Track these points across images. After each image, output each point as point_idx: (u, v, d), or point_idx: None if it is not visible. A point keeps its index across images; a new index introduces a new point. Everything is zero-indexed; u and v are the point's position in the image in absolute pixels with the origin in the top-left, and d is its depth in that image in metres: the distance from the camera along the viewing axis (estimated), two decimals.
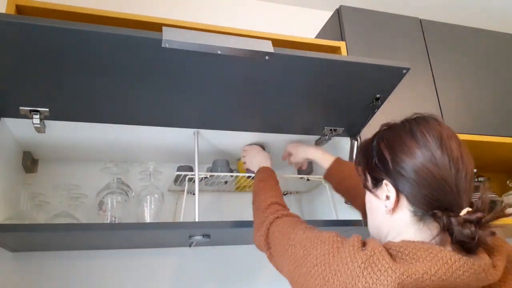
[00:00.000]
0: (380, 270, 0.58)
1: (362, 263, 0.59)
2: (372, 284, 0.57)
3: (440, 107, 1.56)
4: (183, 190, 1.31)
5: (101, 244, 1.28)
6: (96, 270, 1.32)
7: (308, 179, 1.42)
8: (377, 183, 0.73)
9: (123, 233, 1.11)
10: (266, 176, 1.09)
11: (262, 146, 1.33)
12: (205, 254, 1.46)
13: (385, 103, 1.21)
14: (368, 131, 1.35)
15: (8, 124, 1.10)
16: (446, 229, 0.63)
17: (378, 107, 1.21)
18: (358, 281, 0.58)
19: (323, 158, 1.20)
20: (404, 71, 1.11)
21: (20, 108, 1.02)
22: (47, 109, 1.04)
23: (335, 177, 1.16)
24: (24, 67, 0.90)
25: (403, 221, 0.69)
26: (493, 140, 1.59)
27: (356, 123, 1.28)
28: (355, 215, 1.28)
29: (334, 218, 1.39)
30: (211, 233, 1.16)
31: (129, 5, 1.73)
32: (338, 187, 1.17)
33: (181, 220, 1.30)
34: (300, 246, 0.72)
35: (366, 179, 0.76)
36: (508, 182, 1.80)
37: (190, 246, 1.39)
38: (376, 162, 0.72)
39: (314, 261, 0.66)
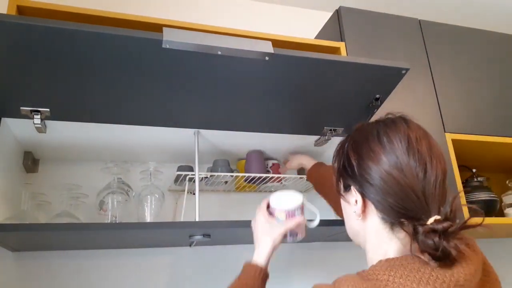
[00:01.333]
0: None
1: None
2: None
3: (439, 107, 1.56)
4: (184, 190, 1.31)
5: (102, 244, 1.28)
6: (96, 270, 1.33)
7: (307, 179, 1.43)
8: (346, 188, 0.72)
9: (124, 232, 1.12)
10: (251, 281, 0.90)
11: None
12: (206, 253, 1.46)
13: (385, 103, 1.22)
14: None
15: (9, 124, 1.10)
16: (413, 238, 0.60)
17: (378, 107, 1.22)
18: None
19: (308, 162, 1.31)
20: (404, 72, 1.11)
21: (21, 108, 1.02)
22: (48, 109, 1.04)
23: (314, 178, 1.23)
24: (25, 67, 0.91)
25: (375, 228, 0.67)
26: (493, 140, 1.59)
27: (356, 123, 1.29)
28: None
29: (333, 218, 1.39)
30: (211, 233, 1.17)
31: (130, 6, 1.73)
32: (317, 188, 1.22)
33: (181, 219, 1.31)
34: None
35: (337, 183, 0.75)
36: (507, 182, 1.80)
37: (190, 245, 1.40)
38: (346, 166, 0.71)
39: None
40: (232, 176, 1.37)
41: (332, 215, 1.42)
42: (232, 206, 1.55)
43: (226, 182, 1.43)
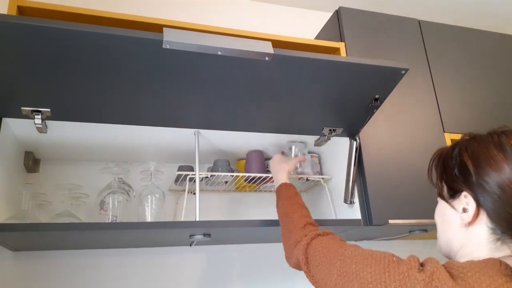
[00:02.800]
0: None
1: (421, 285, 0.56)
2: None
3: (438, 107, 1.57)
4: (184, 190, 1.32)
5: (102, 244, 1.29)
6: (97, 269, 1.33)
7: (307, 179, 1.43)
8: (454, 194, 0.70)
9: (124, 232, 1.12)
10: (292, 193, 1.08)
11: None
12: (206, 253, 1.46)
13: (384, 103, 1.22)
14: (367, 131, 1.36)
15: (10, 124, 1.11)
16: None
17: (377, 108, 1.22)
18: None
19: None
20: (403, 72, 1.11)
21: (22, 108, 1.02)
22: (49, 109, 1.04)
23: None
24: (25, 67, 0.91)
25: (479, 237, 0.66)
26: None
27: (355, 123, 1.29)
28: (354, 215, 1.29)
29: (333, 217, 1.40)
30: (211, 232, 1.17)
31: (130, 6, 1.73)
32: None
33: (182, 219, 1.31)
34: (351, 261, 0.68)
35: (442, 188, 0.73)
36: None
37: (190, 245, 1.40)
38: (457, 173, 0.69)
39: (368, 278, 0.62)
40: (232, 176, 1.37)
41: (331, 215, 1.42)
42: (232, 205, 1.55)
43: (226, 182, 1.43)
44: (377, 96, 1.19)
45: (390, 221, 1.25)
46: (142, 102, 1.08)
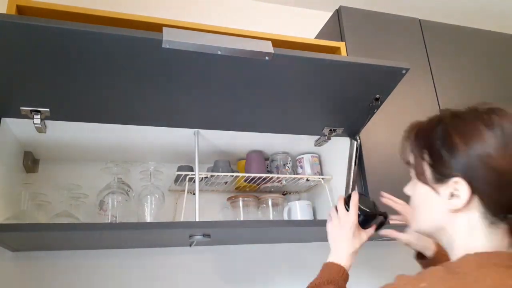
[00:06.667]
0: None
1: None
2: None
3: (439, 107, 1.56)
4: (184, 190, 1.31)
5: (102, 244, 1.28)
6: (96, 270, 1.33)
7: (307, 179, 1.43)
8: (442, 178, 0.64)
9: (124, 233, 1.12)
10: (336, 277, 0.84)
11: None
12: (206, 253, 1.46)
13: (385, 103, 1.21)
14: (368, 131, 1.36)
15: (9, 124, 1.10)
16: None
17: (378, 107, 1.22)
18: None
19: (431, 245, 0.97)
20: (404, 72, 1.11)
21: (21, 108, 1.02)
22: (48, 109, 1.04)
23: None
24: (25, 67, 0.91)
25: (470, 223, 0.62)
26: None
27: (356, 123, 1.29)
28: None
29: None
30: (211, 233, 1.17)
31: (130, 6, 1.73)
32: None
33: (181, 219, 1.31)
34: None
35: (422, 171, 0.67)
36: None
37: (190, 245, 1.40)
38: (446, 155, 0.63)
39: None
40: (232, 176, 1.37)
41: None
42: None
43: (226, 182, 1.43)
44: (377, 96, 1.19)
45: (391, 221, 1.25)
46: (141, 102, 1.08)
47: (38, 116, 1.04)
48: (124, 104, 1.08)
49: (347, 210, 0.92)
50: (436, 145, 0.65)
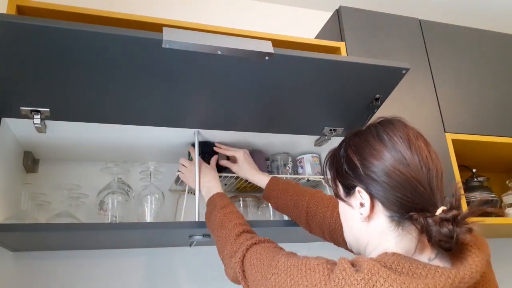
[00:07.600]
0: None
1: (361, 284, 0.55)
2: None
3: (439, 107, 1.56)
4: (184, 190, 1.31)
5: (102, 244, 1.28)
6: (96, 270, 1.33)
7: (308, 179, 1.43)
8: (349, 191, 0.71)
9: (124, 232, 1.12)
10: (225, 202, 1.02)
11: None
12: (206, 253, 1.46)
13: (385, 103, 1.22)
14: None
15: (9, 124, 1.10)
16: (425, 231, 0.62)
17: (378, 107, 1.22)
18: None
19: (260, 178, 1.20)
20: (404, 71, 1.11)
21: (21, 108, 1.02)
22: (48, 109, 1.04)
23: (273, 196, 1.14)
24: (25, 67, 0.91)
25: (380, 228, 0.67)
26: (493, 140, 1.59)
27: (356, 123, 1.29)
28: None
29: None
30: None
31: (130, 6, 1.73)
32: (280, 203, 1.13)
33: (181, 219, 1.31)
34: (285, 275, 0.65)
35: (337, 188, 0.75)
36: (507, 182, 1.80)
37: (190, 245, 1.40)
38: (346, 169, 0.71)
39: None
40: (232, 176, 1.37)
41: None
42: None
43: (225, 184, 1.42)
44: (377, 96, 1.19)
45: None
46: (141, 102, 1.08)
47: (38, 116, 1.04)
48: (124, 104, 1.08)
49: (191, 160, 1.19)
50: (340, 162, 0.73)
